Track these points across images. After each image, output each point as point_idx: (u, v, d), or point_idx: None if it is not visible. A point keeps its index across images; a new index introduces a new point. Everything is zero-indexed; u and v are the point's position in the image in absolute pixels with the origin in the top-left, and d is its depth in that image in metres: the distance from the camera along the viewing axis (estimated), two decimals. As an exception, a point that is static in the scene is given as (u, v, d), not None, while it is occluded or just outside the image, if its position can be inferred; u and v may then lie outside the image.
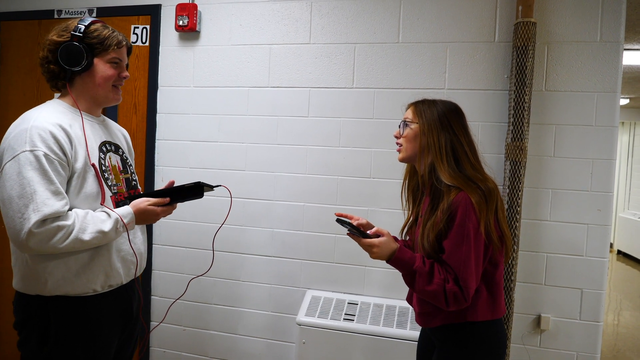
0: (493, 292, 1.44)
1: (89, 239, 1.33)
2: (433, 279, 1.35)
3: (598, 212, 2.16)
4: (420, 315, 1.53)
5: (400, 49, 2.34)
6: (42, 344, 1.39)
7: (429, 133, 1.45)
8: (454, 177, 1.39)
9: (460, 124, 1.48)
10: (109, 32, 1.47)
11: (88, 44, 1.42)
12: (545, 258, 2.23)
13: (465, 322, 1.42)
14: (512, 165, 2.14)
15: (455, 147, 1.43)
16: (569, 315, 2.21)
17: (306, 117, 2.46)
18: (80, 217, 1.34)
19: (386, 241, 1.40)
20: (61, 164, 1.33)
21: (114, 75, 1.49)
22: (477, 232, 1.35)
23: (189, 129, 2.61)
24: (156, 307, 2.68)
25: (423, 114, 1.48)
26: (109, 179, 1.48)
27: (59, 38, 1.42)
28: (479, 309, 1.41)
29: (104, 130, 1.57)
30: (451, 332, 1.46)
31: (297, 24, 2.46)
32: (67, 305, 1.40)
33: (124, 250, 1.50)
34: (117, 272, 1.48)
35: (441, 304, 1.36)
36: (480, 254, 1.37)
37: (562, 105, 2.18)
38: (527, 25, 2.10)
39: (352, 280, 2.43)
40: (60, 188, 1.32)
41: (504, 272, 1.49)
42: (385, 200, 2.36)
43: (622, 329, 4.37)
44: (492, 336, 1.45)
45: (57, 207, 1.28)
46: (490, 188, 1.38)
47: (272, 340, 2.55)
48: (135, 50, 2.65)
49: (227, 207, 2.53)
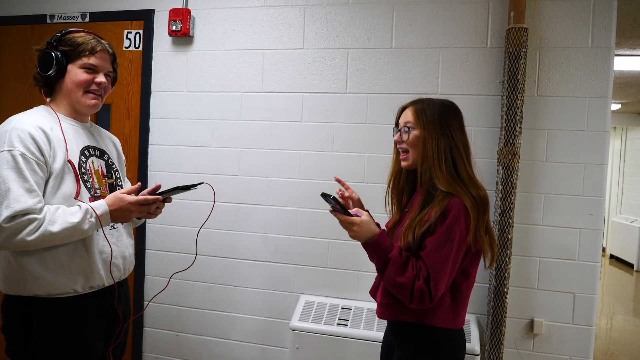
0: (456, 302, 1.42)
1: (58, 230, 1.33)
2: (405, 272, 1.33)
3: (590, 217, 2.18)
4: (381, 306, 1.50)
5: (393, 54, 2.35)
6: (26, 346, 1.40)
7: (429, 139, 1.42)
8: (451, 184, 1.38)
9: (458, 125, 1.46)
10: (85, 39, 1.50)
11: (61, 51, 1.48)
12: (537, 262, 2.23)
13: (422, 324, 1.41)
14: (504, 170, 2.15)
15: (454, 152, 1.42)
16: (561, 320, 2.22)
17: (300, 122, 2.46)
18: (51, 210, 1.35)
19: (367, 222, 1.37)
20: (38, 163, 1.36)
21: (85, 81, 1.50)
22: (462, 239, 1.34)
23: (183, 134, 2.61)
24: (149, 312, 2.66)
25: (424, 117, 1.45)
26: (88, 182, 1.50)
27: (39, 47, 1.51)
28: (439, 315, 1.40)
29: (89, 136, 1.59)
30: (409, 332, 1.45)
31: (291, 29, 2.46)
32: (49, 306, 1.41)
33: (106, 252, 1.50)
34: (97, 274, 1.48)
35: (405, 299, 1.34)
36: (457, 262, 1.36)
37: (554, 110, 2.20)
38: (519, 31, 2.12)
39: (346, 285, 2.43)
40: (35, 186, 1.34)
41: (472, 285, 1.48)
42: (378, 204, 2.34)
43: (615, 332, 4.39)
44: (449, 345, 1.44)
45: (29, 204, 1.30)
46: (483, 196, 1.38)
47: (265, 345, 2.54)
48: (128, 55, 2.64)
49: (220, 213, 2.53)
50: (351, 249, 2.38)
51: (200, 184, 1.53)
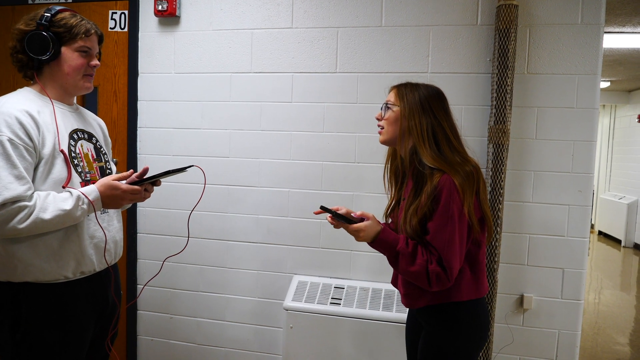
0: (476, 272, 1.46)
1: (50, 217, 1.32)
2: (416, 260, 1.36)
3: (579, 193, 2.20)
4: (405, 297, 1.55)
5: (383, 32, 2.33)
6: (14, 332, 1.39)
7: (410, 116, 1.46)
8: (437, 160, 1.40)
9: (442, 108, 1.49)
10: (77, 21, 1.46)
11: (55, 32, 1.42)
12: (527, 239, 2.26)
13: (449, 302, 1.44)
14: (494, 148, 2.16)
15: (436, 131, 1.45)
16: (551, 295, 2.25)
17: (290, 102, 2.44)
18: (42, 197, 1.33)
19: (371, 224, 1.42)
20: (27, 149, 1.33)
21: (83, 64, 1.48)
22: (461, 213, 1.37)
23: (172, 116, 2.58)
24: (142, 295, 2.67)
25: (405, 97, 1.49)
26: (79, 166, 1.47)
27: (26, 27, 1.43)
28: (463, 289, 1.44)
29: (76, 118, 1.56)
30: (436, 312, 1.48)
31: (279, 8, 2.43)
32: (39, 292, 1.40)
33: (98, 237, 1.49)
34: (89, 259, 1.47)
35: (424, 285, 1.38)
36: (464, 235, 1.39)
37: (544, 88, 2.20)
38: (509, 8, 2.10)
39: (338, 264, 2.45)
40: (24, 173, 1.31)
41: (486, 252, 1.52)
42: (370, 184, 2.37)
43: (603, 307, 4.48)
44: (477, 315, 1.48)
45: (19, 192, 1.28)
46: (469, 171, 1.40)
47: (259, 325, 2.56)
48: (114, 37, 2.59)
49: (212, 195, 2.53)
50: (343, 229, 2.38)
51: (190, 167, 1.52)
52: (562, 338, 2.25)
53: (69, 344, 1.46)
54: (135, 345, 2.71)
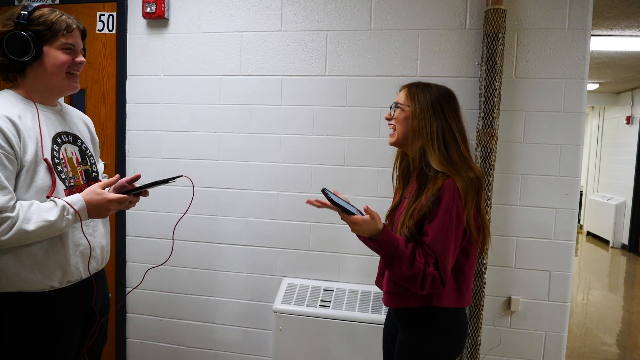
0: (460, 282, 1.45)
1: (34, 228, 1.27)
2: (414, 262, 1.34)
3: (566, 197, 2.22)
4: (387, 294, 1.52)
5: (372, 36, 2.33)
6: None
7: (421, 117, 1.44)
8: (443, 164, 1.40)
9: (453, 111, 1.48)
10: (57, 16, 1.37)
11: (34, 31, 1.34)
12: (515, 242, 2.28)
13: (429, 306, 1.44)
14: (483, 151, 2.17)
15: (446, 134, 1.43)
16: (537, 297, 2.27)
17: (279, 105, 2.44)
18: (25, 207, 1.28)
19: (369, 221, 1.35)
20: (7, 157, 1.27)
21: (67, 62, 1.40)
22: (459, 219, 1.36)
23: (160, 118, 2.56)
24: (132, 298, 2.65)
25: (416, 97, 1.47)
26: (62, 172, 1.42)
27: (3, 28, 1.35)
28: (444, 296, 1.43)
29: (60, 121, 1.49)
30: (414, 315, 1.47)
31: (268, 11, 2.42)
32: (23, 302, 1.36)
33: (83, 245, 1.45)
34: (75, 268, 1.43)
35: (416, 287, 1.36)
36: (458, 241, 1.39)
37: (532, 92, 2.22)
38: (497, 12, 2.12)
39: (328, 267, 2.45)
40: (5, 182, 1.26)
41: (475, 264, 1.51)
42: (358, 187, 2.38)
43: (591, 307, 4.52)
44: (454, 323, 1.47)
45: (0, 203, 1.23)
46: (473, 178, 1.39)
47: (249, 328, 2.56)
48: (102, 39, 2.58)
49: (201, 198, 2.52)
50: (332, 231, 2.39)
51: (179, 177, 1.49)
52: (549, 340, 2.27)
53: (56, 353, 1.42)
54: (125, 348, 2.70)
